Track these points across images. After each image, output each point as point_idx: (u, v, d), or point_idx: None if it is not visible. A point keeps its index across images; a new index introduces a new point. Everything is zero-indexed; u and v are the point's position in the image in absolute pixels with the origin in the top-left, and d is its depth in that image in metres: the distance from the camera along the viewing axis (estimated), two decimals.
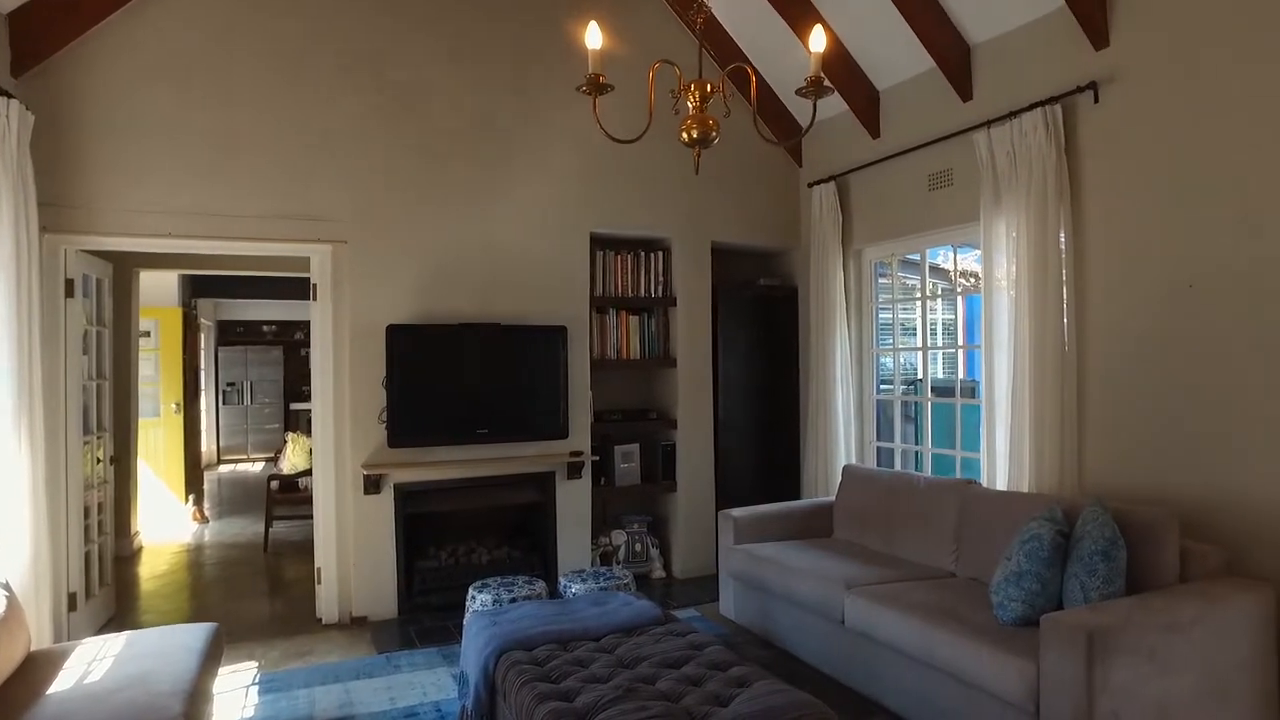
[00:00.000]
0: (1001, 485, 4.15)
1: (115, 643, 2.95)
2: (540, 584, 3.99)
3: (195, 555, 6.45)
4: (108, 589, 4.75)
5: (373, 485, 4.62)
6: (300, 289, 4.94)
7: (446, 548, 5.08)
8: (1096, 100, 3.84)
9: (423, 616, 4.69)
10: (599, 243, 5.39)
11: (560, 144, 5.15)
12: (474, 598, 3.87)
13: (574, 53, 2.76)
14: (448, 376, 4.75)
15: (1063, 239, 3.92)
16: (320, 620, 4.63)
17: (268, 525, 6.62)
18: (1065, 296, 3.91)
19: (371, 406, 4.65)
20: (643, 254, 5.51)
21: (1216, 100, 3.39)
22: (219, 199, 4.35)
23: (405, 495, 4.72)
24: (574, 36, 2.63)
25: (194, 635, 3.01)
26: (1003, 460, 4.16)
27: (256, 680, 3.79)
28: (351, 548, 4.64)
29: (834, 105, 5.33)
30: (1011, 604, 3.04)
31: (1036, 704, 2.67)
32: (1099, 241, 3.86)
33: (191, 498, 7.70)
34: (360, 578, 4.65)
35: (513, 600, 3.75)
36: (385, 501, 4.68)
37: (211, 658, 2.94)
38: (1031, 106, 4.01)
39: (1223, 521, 3.32)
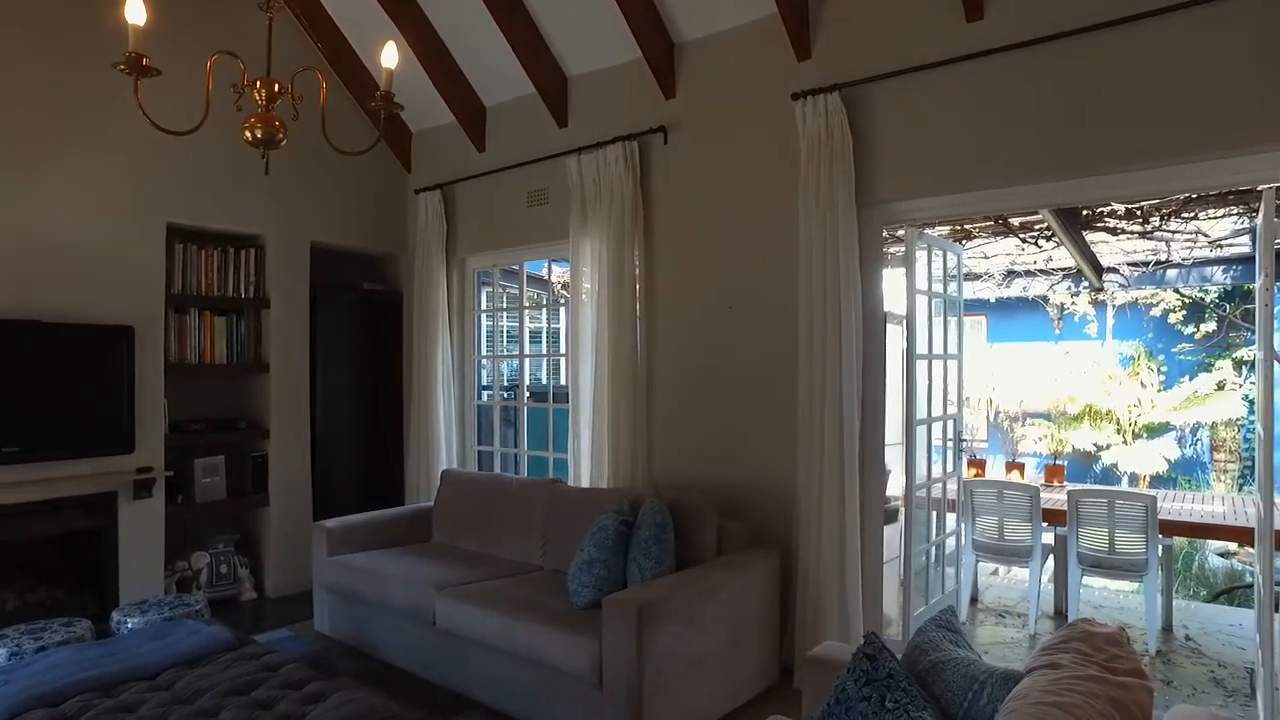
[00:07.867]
0: (585, 483, 4.56)
1: None
2: (84, 624, 3.43)
3: None
4: None
5: None
6: None
7: None
8: (666, 142, 4.41)
9: None
10: (179, 234, 4.81)
11: (130, 119, 4.44)
12: None
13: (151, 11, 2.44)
14: None
15: (637, 260, 4.43)
16: None
17: None
18: (638, 311, 4.43)
19: None
20: (232, 250, 5.04)
21: (726, 160, 4.13)
22: None
23: None
24: None
25: None
26: (586, 459, 4.57)
27: None
28: None
29: (443, 115, 5.40)
30: (584, 590, 3.36)
31: (600, 675, 2.98)
32: (664, 264, 4.43)
33: None
34: None
35: (41, 649, 3.18)
36: None
37: None
38: (615, 140, 4.47)
39: (750, 501, 4.03)
